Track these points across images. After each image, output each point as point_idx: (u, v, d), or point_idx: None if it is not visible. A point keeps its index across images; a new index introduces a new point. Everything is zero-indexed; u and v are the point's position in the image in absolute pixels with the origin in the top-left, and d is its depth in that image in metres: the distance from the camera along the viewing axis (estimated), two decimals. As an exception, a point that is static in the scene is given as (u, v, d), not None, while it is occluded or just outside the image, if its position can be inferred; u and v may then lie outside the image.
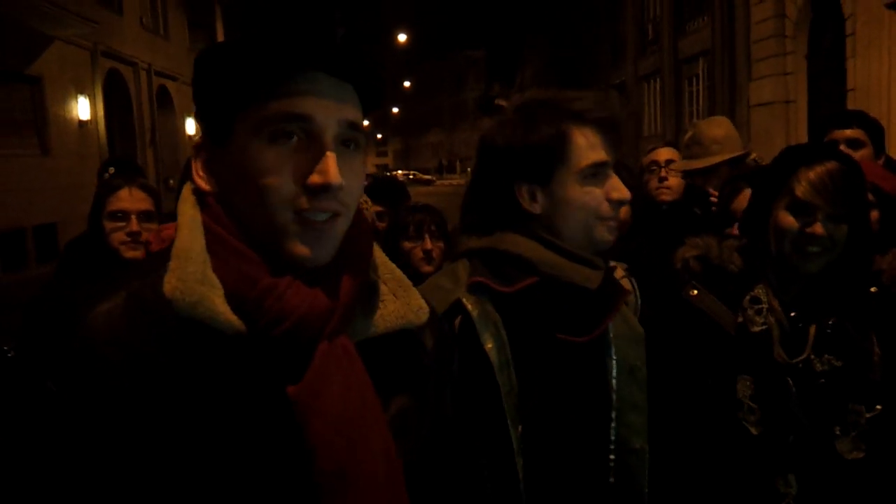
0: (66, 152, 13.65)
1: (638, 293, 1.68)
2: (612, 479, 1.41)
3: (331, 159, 0.86)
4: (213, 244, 0.88)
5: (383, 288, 1.00)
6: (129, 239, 2.39)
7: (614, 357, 1.43)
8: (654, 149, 3.41)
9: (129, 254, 2.39)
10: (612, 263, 1.60)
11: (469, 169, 1.63)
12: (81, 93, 14.49)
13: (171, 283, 0.84)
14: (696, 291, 1.68)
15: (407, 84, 70.78)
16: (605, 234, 1.38)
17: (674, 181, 3.19)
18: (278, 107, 0.87)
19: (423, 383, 1.04)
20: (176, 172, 18.79)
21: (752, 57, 14.20)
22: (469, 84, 68.31)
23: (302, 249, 0.87)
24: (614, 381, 1.42)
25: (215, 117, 0.92)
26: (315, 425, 0.86)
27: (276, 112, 0.87)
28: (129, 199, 2.43)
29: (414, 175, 48.17)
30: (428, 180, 50.10)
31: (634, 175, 3.06)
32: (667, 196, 3.18)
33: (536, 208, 1.39)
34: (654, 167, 3.24)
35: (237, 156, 0.89)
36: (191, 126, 21.31)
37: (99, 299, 0.87)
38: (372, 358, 0.94)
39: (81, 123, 14.51)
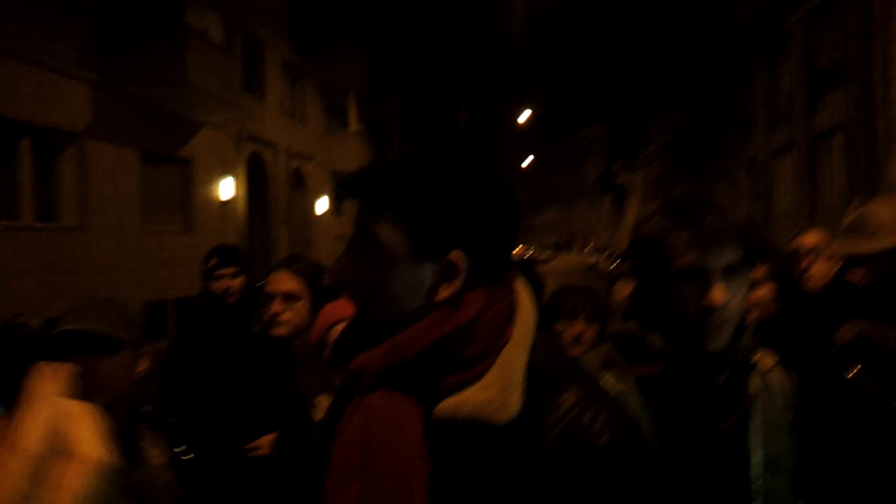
0: (207, 229, 14.67)
1: (794, 381, 1.65)
2: None
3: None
4: None
5: (488, 377, 1.01)
6: (271, 318, 2.54)
7: (755, 446, 1.39)
8: (798, 233, 3.32)
9: (273, 331, 2.53)
10: (760, 353, 1.55)
11: (591, 245, 1.67)
12: (226, 173, 15.65)
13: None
14: (857, 371, 1.70)
15: (525, 164, 71.45)
16: (702, 335, 1.34)
17: (818, 269, 3.08)
18: None
19: (501, 487, 0.97)
20: (307, 249, 19.75)
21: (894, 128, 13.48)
22: (589, 160, 68.37)
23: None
24: (756, 471, 1.38)
25: None
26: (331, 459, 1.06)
27: None
28: (275, 281, 2.58)
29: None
30: (544, 260, 49.66)
31: (783, 261, 2.97)
32: (812, 283, 3.08)
33: (656, 300, 1.42)
34: (800, 252, 3.17)
35: None
36: (321, 205, 22.40)
37: None
38: (450, 441, 1.00)
39: (223, 202, 15.62)
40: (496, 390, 1.00)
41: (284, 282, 2.57)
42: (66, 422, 0.60)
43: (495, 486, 0.97)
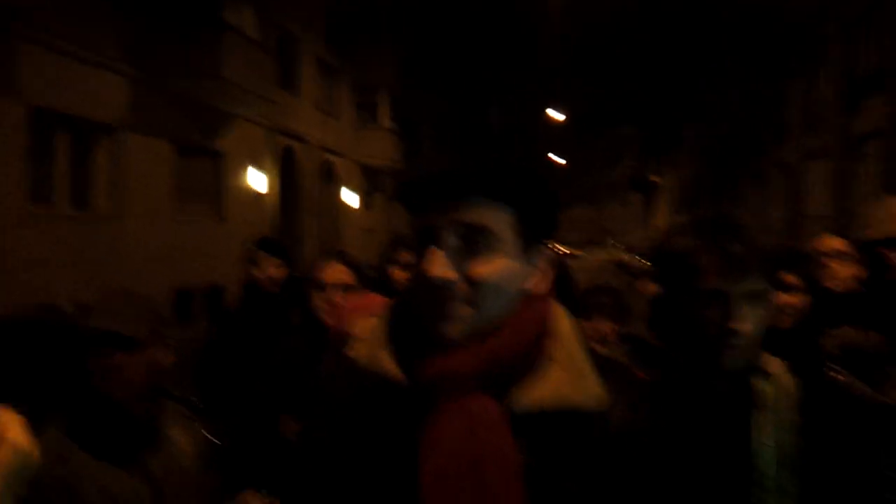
0: (239, 220, 14.85)
1: (800, 387, 1.68)
2: None
3: (433, 256, 1.01)
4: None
5: (553, 368, 1.07)
6: (324, 305, 2.61)
7: (763, 442, 1.42)
8: (819, 238, 3.31)
9: (324, 317, 2.60)
10: (768, 358, 1.55)
11: (613, 243, 1.69)
12: (256, 166, 15.82)
13: (353, 349, 1.19)
14: (835, 373, 1.82)
15: (563, 161, 71.29)
16: (720, 355, 1.36)
17: (841, 270, 3.07)
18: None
19: (592, 470, 1.05)
20: (336, 240, 19.90)
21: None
22: (623, 160, 67.85)
23: (433, 328, 1.03)
24: (768, 467, 1.41)
25: None
26: (423, 469, 1.00)
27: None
28: (332, 272, 2.69)
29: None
30: (573, 255, 49.83)
31: (809, 267, 2.99)
32: (835, 285, 3.06)
33: (677, 313, 1.43)
34: (819, 256, 3.16)
35: None
36: (351, 198, 22.54)
37: None
38: (538, 432, 1.04)
39: (256, 194, 15.79)
40: (578, 381, 1.07)
41: (342, 273, 2.67)
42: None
43: (584, 468, 1.04)
